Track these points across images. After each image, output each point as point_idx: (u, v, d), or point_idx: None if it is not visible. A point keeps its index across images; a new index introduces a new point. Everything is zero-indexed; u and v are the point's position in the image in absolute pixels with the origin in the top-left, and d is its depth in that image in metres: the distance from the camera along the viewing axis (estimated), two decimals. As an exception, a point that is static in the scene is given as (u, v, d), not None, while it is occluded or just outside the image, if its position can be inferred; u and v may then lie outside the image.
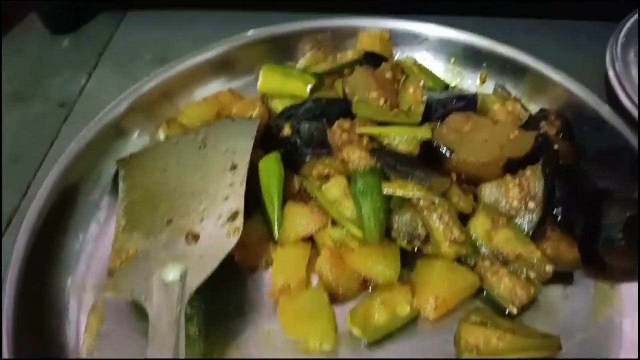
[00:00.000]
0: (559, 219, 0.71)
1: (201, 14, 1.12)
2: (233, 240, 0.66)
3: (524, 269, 0.68)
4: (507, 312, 0.67)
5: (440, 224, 0.68)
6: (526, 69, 0.88)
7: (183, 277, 0.64)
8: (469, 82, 0.93)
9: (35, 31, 1.12)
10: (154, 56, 1.06)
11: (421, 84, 0.81)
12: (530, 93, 0.88)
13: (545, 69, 0.86)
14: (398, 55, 0.96)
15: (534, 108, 0.86)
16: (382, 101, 0.78)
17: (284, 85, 0.88)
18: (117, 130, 0.84)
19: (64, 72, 1.04)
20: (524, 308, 0.68)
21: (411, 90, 0.80)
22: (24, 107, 0.98)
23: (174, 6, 1.12)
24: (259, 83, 0.90)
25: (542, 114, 0.82)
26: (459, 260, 0.70)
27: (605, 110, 0.79)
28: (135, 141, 0.86)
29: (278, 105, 0.87)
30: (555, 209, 0.71)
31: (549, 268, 0.67)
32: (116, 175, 0.80)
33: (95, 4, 1.15)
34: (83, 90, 1.01)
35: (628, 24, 0.80)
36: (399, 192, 0.69)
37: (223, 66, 0.93)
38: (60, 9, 1.10)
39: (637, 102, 0.72)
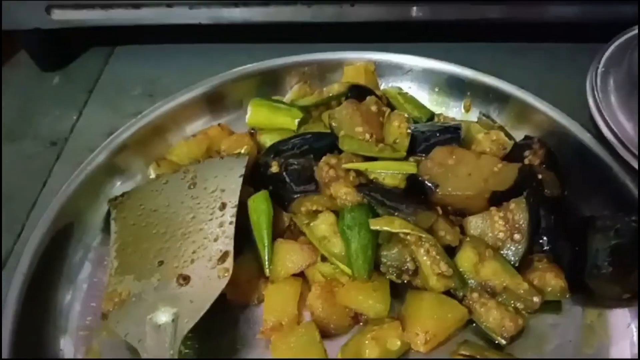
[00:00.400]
0: (544, 249, 0.73)
1: (188, 47, 1.13)
2: (223, 282, 0.67)
3: (512, 301, 0.69)
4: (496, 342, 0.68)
5: (427, 259, 0.69)
6: (509, 98, 0.89)
7: (175, 320, 0.65)
8: (454, 110, 0.94)
9: (25, 68, 1.12)
10: (144, 91, 1.06)
11: (406, 116, 0.82)
12: (514, 121, 0.89)
13: (527, 98, 0.87)
14: (383, 86, 0.97)
15: (518, 135, 0.87)
16: (367, 136, 0.79)
17: (272, 120, 0.89)
18: (108, 170, 0.85)
19: (54, 110, 1.04)
20: (512, 338, 0.69)
21: (396, 123, 0.80)
22: (16, 146, 0.99)
23: (161, 40, 1.13)
24: (247, 117, 0.91)
25: (526, 142, 0.82)
26: (448, 292, 0.71)
27: (587, 138, 0.80)
28: (127, 180, 0.86)
29: (267, 140, 0.88)
30: (541, 239, 0.73)
31: (536, 299, 0.68)
32: (108, 215, 0.81)
33: (84, 40, 1.16)
34: (74, 127, 1.01)
35: (607, 53, 0.81)
36: (386, 228, 0.69)
37: (212, 102, 0.94)
38: (49, 46, 1.11)
39: (616, 131, 0.73)
